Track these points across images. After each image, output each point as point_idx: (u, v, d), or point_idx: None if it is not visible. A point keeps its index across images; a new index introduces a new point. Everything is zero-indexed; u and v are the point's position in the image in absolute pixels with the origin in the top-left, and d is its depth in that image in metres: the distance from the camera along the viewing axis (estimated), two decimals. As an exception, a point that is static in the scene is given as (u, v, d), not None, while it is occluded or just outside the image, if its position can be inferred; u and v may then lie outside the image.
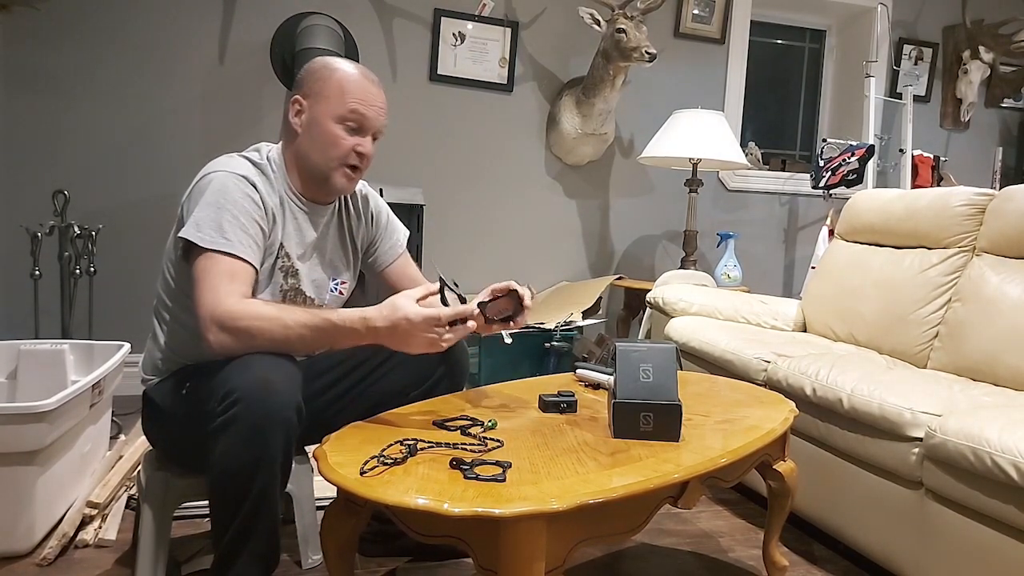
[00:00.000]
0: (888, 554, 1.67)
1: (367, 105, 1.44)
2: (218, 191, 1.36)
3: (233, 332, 1.27)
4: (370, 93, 1.45)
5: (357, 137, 1.44)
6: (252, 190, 1.39)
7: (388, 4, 3.33)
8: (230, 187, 1.36)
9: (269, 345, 1.27)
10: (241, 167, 1.42)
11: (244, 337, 1.27)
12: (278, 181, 1.47)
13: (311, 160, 1.46)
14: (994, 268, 2.08)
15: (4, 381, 2.09)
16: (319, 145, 1.44)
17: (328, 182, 1.46)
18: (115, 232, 2.90)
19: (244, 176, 1.40)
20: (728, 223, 3.88)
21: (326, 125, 1.42)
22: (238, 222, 1.34)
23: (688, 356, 2.42)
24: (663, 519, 2.03)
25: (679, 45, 3.78)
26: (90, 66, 3.00)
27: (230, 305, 1.27)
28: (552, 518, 1.02)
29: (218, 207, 1.34)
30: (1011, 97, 4.35)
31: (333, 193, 1.52)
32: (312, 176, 1.48)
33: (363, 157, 1.46)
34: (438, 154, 3.46)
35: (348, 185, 1.48)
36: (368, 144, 1.46)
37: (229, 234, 1.33)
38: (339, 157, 1.44)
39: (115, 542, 1.76)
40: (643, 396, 1.32)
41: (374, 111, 1.45)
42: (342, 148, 1.43)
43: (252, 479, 1.23)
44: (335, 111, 1.42)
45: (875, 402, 1.67)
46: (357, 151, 1.44)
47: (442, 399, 1.53)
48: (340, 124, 1.42)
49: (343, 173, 1.45)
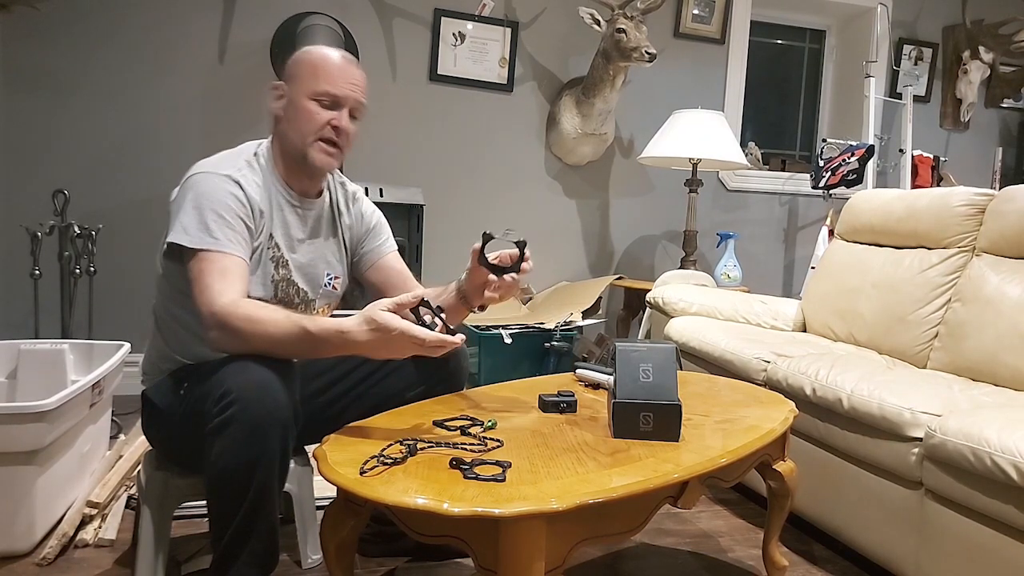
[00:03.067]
0: (888, 554, 1.67)
1: (339, 79, 1.45)
2: (201, 193, 1.38)
3: (228, 331, 1.28)
4: (342, 69, 1.46)
5: (332, 112, 1.45)
6: (236, 187, 1.41)
7: (388, 4, 3.33)
8: (212, 187, 1.39)
9: (262, 345, 1.28)
10: (226, 166, 1.44)
11: (237, 337, 1.28)
12: (268, 176, 1.49)
13: (290, 140, 1.47)
14: (994, 268, 2.09)
15: (4, 381, 2.09)
16: (295, 124, 1.45)
17: (306, 160, 1.46)
18: (115, 232, 2.90)
19: (227, 175, 1.41)
20: (728, 223, 3.88)
21: (300, 102, 1.44)
22: (223, 220, 1.37)
23: (688, 356, 2.42)
24: (663, 519, 2.04)
25: (679, 45, 3.78)
26: (90, 66, 3.00)
27: (223, 305, 1.29)
28: (552, 518, 1.02)
29: (201, 208, 1.36)
30: (1011, 97, 4.35)
31: (314, 173, 1.51)
32: (294, 159, 1.48)
33: (340, 132, 1.46)
34: (438, 154, 3.46)
35: (326, 160, 1.47)
36: (344, 119, 1.46)
37: (216, 232, 1.35)
38: (314, 131, 1.44)
39: (115, 542, 1.76)
40: (643, 396, 1.32)
41: (348, 86, 1.45)
42: (316, 122, 1.44)
43: (250, 479, 1.23)
44: (308, 88, 1.44)
45: (875, 402, 1.67)
46: (333, 124, 1.45)
47: (442, 399, 1.53)
48: (314, 100, 1.44)
49: (320, 148, 1.45)
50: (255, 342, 1.28)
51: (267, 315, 1.29)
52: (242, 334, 1.27)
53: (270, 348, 1.28)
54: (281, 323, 1.28)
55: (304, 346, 1.28)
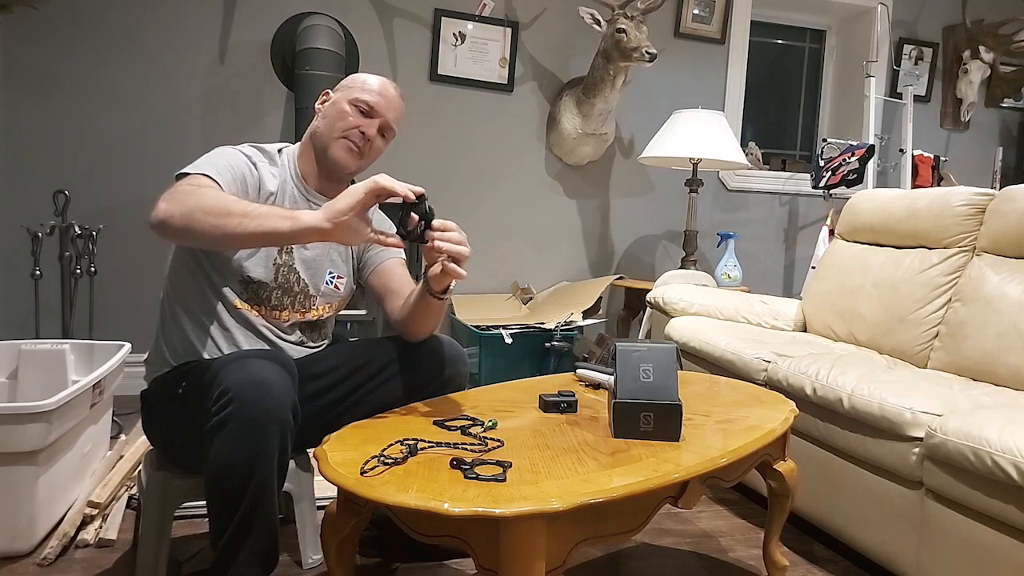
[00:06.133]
0: (888, 554, 1.67)
1: (379, 96, 1.56)
2: (214, 152, 1.48)
3: (169, 198, 1.28)
4: (385, 88, 1.58)
5: (364, 119, 1.54)
6: (248, 161, 1.50)
7: (388, 4, 3.33)
8: (226, 151, 1.49)
9: (206, 206, 1.26)
10: (245, 148, 1.53)
11: (177, 196, 1.29)
12: (285, 169, 1.57)
13: (320, 134, 1.56)
14: (994, 268, 2.09)
15: (5, 381, 2.09)
16: (329, 120, 1.55)
17: (327, 153, 1.54)
18: (115, 232, 2.90)
19: (245, 154, 1.51)
20: (728, 223, 3.88)
21: (340, 104, 1.55)
22: (227, 164, 1.44)
23: (688, 356, 2.42)
24: (663, 519, 2.04)
25: (679, 45, 3.78)
26: (90, 66, 3.00)
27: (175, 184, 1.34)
28: (552, 518, 1.02)
29: (211, 155, 1.45)
30: (1011, 97, 4.35)
31: (332, 170, 1.56)
32: (317, 153, 1.56)
33: (366, 139, 1.54)
34: (438, 154, 3.46)
35: (346, 157, 1.54)
36: (372, 129, 1.55)
37: (218, 167, 1.41)
38: (343, 129, 1.53)
39: (116, 542, 1.76)
40: (643, 396, 1.32)
41: (385, 104, 1.56)
42: (348, 123, 1.53)
43: (249, 477, 1.23)
44: (351, 95, 1.55)
45: (875, 402, 1.67)
46: (360, 130, 1.53)
47: (442, 399, 1.53)
48: (352, 105, 1.54)
49: (343, 144, 1.54)
50: (196, 199, 1.27)
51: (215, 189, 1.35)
52: (184, 194, 1.29)
53: (214, 208, 1.26)
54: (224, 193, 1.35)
55: (254, 212, 1.27)
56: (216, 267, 1.48)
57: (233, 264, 1.48)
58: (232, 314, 1.50)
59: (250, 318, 1.51)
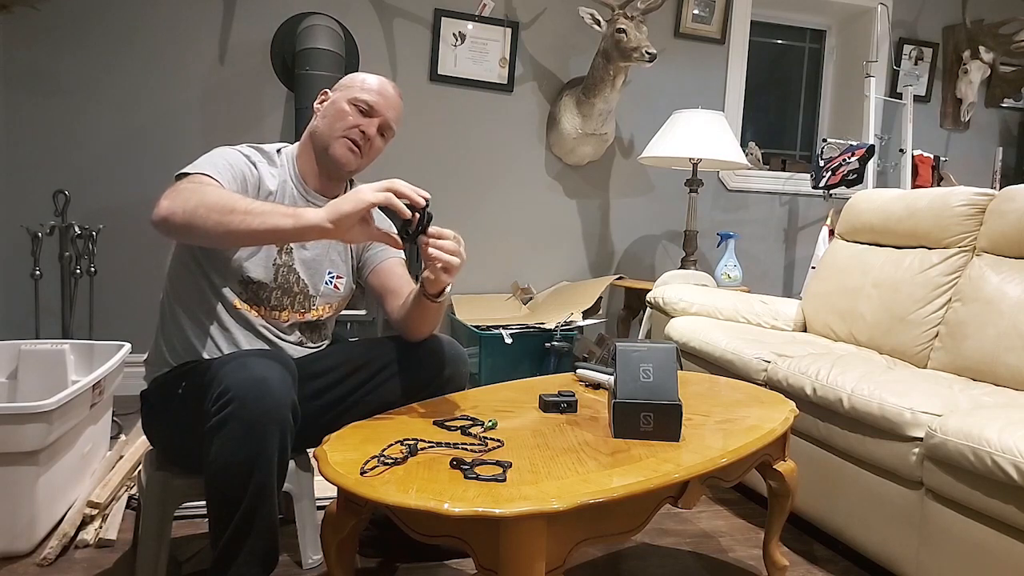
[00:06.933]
0: (888, 554, 1.67)
1: (378, 95, 1.56)
2: (213, 152, 1.48)
3: (172, 196, 1.28)
4: (384, 88, 1.57)
5: (364, 119, 1.54)
6: (247, 161, 1.50)
7: (388, 4, 3.33)
8: (225, 151, 1.49)
9: (210, 203, 1.26)
10: (244, 148, 1.53)
11: (181, 196, 1.28)
12: (285, 170, 1.57)
13: (319, 133, 1.56)
14: (994, 268, 2.09)
15: (5, 381, 2.09)
16: (328, 119, 1.56)
17: (328, 152, 1.54)
18: (115, 232, 2.90)
19: (244, 154, 1.51)
20: (728, 223, 3.88)
21: (339, 104, 1.55)
22: (227, 164, 1.44)
23: (688, 356, 2.42)
24: (663, 519, 2.04)
25: (679, 45, 3.78)
26: (90, 66, 3.00)
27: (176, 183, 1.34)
28: (552, 518, 1.02)
29: (211, 155, 1.46)
30: (1011, 97, 4.35)
31: (332, 170, 1.57)
32: (317, 153, 1.57)
33: (366, 138, 1.54)
34: (438, 154, 3.46)
35: (346, 156, 1.54)
36: (372, 128, 1.55)
37: (219, 167, 1.41)
38: (343, 128, 1.53)
39: (115, 542, 1.76)
40: (643, 396, 1.32)
41: (385, 101, 1.56)
42: (347, 122, 1.53)
43: (248, 477, 1.23)
44: (350, 95, 1.55)
45: (875, 402, 1.67)
46: (361, 129, 1.53)
47: (442, 399, 1.53)
48: (351, 105, 1.54)
49: (344, 143, 1.54)
50: (199, 197, 1.27)
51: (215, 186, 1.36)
52: (185, 190, 1.29)
53: (217, 205, 1.26)
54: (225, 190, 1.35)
55: (257, 208, 1.27)
56: (216, 267, 1.48)
57: (233, 264, 1.48)
58: (232, 314, 1.50)
59: (250, 318, 1.51)
